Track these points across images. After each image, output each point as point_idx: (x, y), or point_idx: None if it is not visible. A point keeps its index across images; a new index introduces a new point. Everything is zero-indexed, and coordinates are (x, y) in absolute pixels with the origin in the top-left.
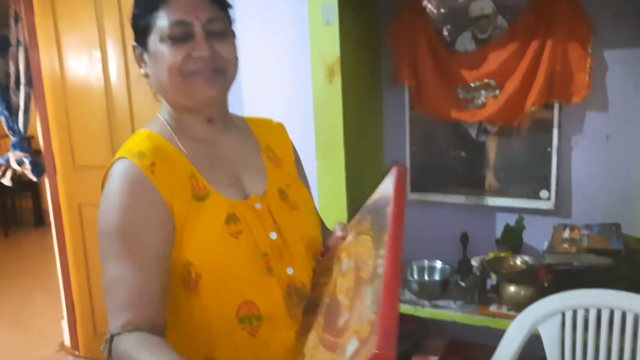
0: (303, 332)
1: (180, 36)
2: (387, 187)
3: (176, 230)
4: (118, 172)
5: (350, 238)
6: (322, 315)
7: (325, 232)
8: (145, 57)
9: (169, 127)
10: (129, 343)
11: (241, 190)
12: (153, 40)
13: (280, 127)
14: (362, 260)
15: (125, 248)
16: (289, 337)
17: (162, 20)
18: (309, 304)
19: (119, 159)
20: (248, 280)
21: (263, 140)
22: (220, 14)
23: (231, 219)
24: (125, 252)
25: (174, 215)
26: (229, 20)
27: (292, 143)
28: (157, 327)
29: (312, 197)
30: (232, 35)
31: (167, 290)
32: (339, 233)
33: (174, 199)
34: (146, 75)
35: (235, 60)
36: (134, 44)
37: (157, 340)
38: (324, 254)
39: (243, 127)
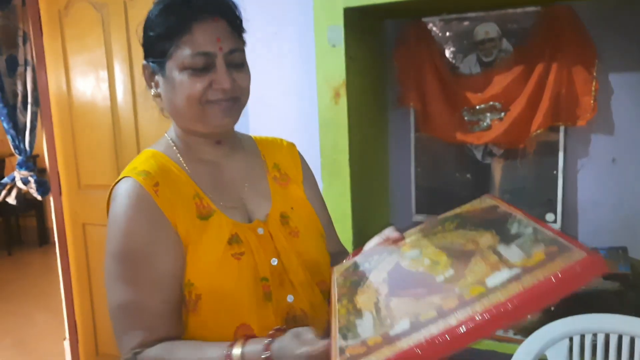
0: None
1: (202, 67)
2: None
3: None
4: (122, 192)
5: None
6: None
7: (336, 246)
8: (158, 78)
9: (174, 148)
10: (157, 351)
11: (245, 213)
12: (171, 66)
13: (290, 147)
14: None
15: (134, 271)
16: None
17: (185, 50)
18: None
19: (123, 177)
20: (246, 304)
21: (270, 161)
22: (240, 44)
23: (234, 239)
24: (136, 274)
25: (179, 235)
26: (244, 48)
27: (301, 162)
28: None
29: (318, 219)
30: (247, 65)
31: (180, 314)
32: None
33: (177, 219)
34: (157, 96)
35: (249, 89)
36: (145, 63)
37: (185, 341)
38: None
39: (251, 147)
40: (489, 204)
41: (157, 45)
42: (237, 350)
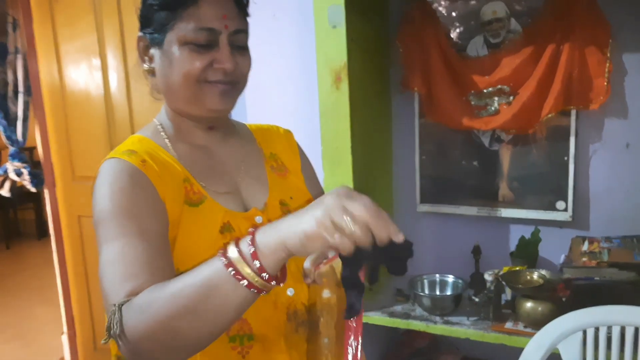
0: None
1: (204, 43)
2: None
3: (169, 231)
4: (107, 167)
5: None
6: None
7: None
8: (153, 52)
9: (162, 133)
10: (145, 294)
11: (239, 200)
12: (170, 39)
13: (287, 134)
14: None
15: (124, 225)
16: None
17: (188, 23)
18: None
19: (106, 160)
20: None
21: (267, 149)
22: (245, 25)
23: (226, 228)
24: (124, 229)
25: (166, 208)
26: (248, 31)
27: (299, 150)
28: None
29: None
30: (249, 49)
31: (173, 270)
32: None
33: (166, 197)
34: (150, 71)
35: (248, 74)
36: (141, 34)
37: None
38: None
39: (245, 135)
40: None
41: (157, 15)
42: (232, 249)
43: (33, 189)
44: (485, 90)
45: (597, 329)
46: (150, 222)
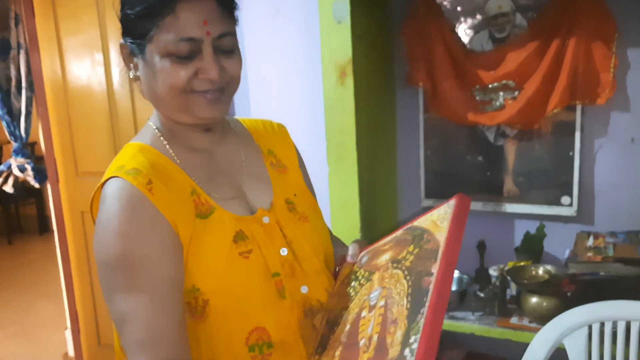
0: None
1: (186, 54)
2: (437, 223)
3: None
4: (112, 194)
5: (379, 260)
6: (341, 346)
7: (334, 241)
8: (137, 61)
9: (161, 138)
10: None
11: (246, 204)
12: (151, 50)
13: (281, 129)
14: (393, 300)
15: (131, 278)
16: (298, 344)
17: (167, 33)
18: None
19: (110, 178)
20: (260, 305)
21: (265, 146)
22: (230, 27)
23: (239, 237)
24: (132, 282)
25: (179, 237)
26: (235, 31)
27: (294, 145)
28: None
29: (318, 205)
30: (238, 48)
31: (185, 322)
32: (350, 256)
33: (177, 219)
34: (136, 79)
35: (239, 76)
36: (122, 42)
37: None
38: (339, 265)
39: (241, 132)
40: (429, 228)
41: (136, 25)
42: None
43: (36, 185)
44: (490, 85)
45: (602, 324)
46: (164, 266)
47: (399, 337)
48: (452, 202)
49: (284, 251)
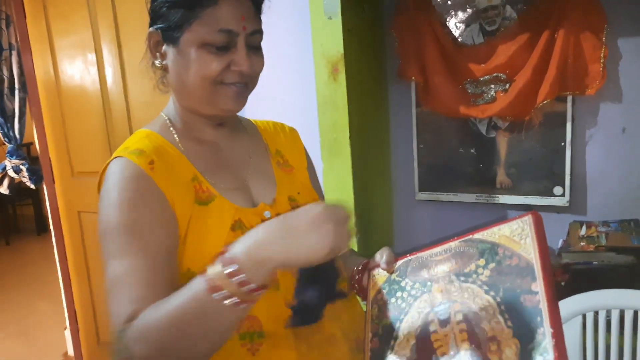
0: None
1: (223, 45)
2: (514, 239)
3: (179, 234)
4: (115, 171)
5: (433, 272)
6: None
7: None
8: (166, 49)
9: (171, 128)
10: (140, 320)
11: (248, 197)
12: (187, 39)
13: (292, 132)
14: (478, 316)
15: (130, 243)
16: (289, 358)
17: (207, 24)
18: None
19: (115, 158)
20: None
21: (273, 146)
22: (260, 25)
23: (237, 225)
24: (130, 246)
25: (176, 215)
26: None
27: (304, 149)
28: None
29: None
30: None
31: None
32: (384, 263)
33: (175, 199)
34: (163, 68)
35: (260, 74)
36: (152, 30)
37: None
38: (362, 273)
39: (252, 131)
40: (503, 243)
41: (173, 13)
42: (212, 269)
43: (32, 186)
44: (481, 78)
45: (596, 313)
46: (156, 236)
47: (513, 356)
48: (526, 218)
49: None
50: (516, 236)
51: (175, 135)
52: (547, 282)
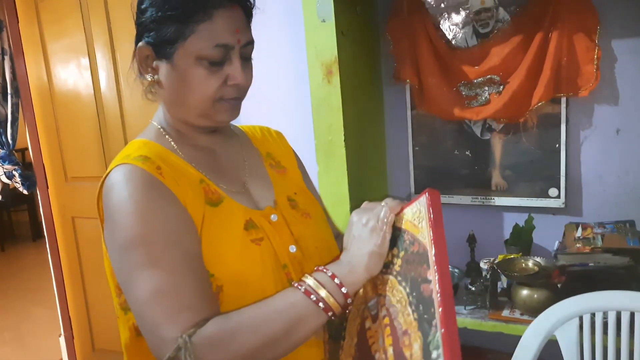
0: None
1: (219, 60)
2: (415, 223)
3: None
4: (122, 178)
5: None
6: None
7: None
8: (159, 64)
9: (166, 136)
10: (213, 326)
11: (251, 199)
12: (182, 55)
13: (279, 135)
14: (395, 309)
15: (155, 254)
16: (309, 355)
17: (203, 39)
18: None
19: (118, 165)
20: (272, 292)
21: (263, 149)
22: (252, 36)
23: (250, 225)
24: (156, 258)
25: (191, 216)
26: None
27: (292, 149)
28: None
29: (319, 204)
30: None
31: (212, 293)
32: None
33: (187, 202)
34: (155, 83)
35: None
36: (143, 44)
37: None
38: None
39: (241, 136)
40: (410, 229)
41: (166, 28)
42: (310, 280)
43: (25, 192)
44: (475, 81)
45: (593, 315)
46: (185, 242)
47: (418, 351)
48: (422, 199)
49: (293, 248)
50: (415, 219)
51: (172, 143)
52: (440, 268)
